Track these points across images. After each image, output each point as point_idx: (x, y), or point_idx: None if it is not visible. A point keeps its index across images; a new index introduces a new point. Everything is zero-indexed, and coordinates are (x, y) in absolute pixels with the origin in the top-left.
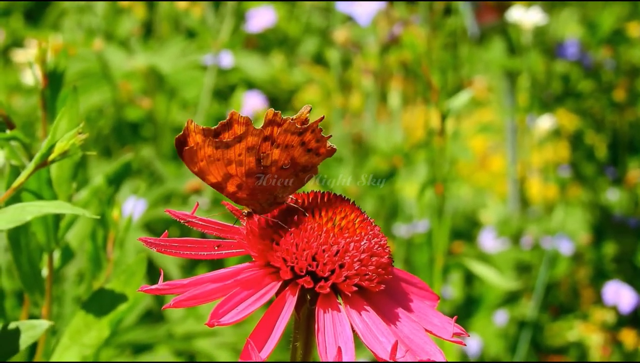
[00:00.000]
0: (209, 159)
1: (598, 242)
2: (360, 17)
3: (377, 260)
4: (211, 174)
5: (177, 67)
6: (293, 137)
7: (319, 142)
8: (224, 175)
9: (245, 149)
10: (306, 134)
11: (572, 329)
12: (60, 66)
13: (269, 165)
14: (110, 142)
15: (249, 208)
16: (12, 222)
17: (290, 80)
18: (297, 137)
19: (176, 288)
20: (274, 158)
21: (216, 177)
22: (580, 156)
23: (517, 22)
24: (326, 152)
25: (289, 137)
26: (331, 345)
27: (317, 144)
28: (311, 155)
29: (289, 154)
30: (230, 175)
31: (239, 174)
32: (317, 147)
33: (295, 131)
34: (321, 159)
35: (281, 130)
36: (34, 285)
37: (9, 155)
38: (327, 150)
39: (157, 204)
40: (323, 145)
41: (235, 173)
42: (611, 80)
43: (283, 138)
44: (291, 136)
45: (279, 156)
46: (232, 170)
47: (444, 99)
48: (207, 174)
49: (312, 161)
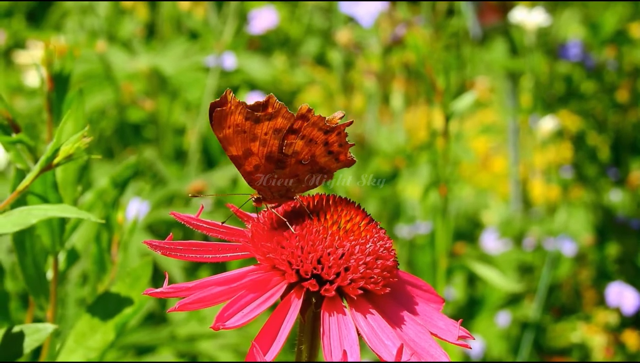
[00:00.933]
0: (237, 128)
1: (601, 243)
2: (362, 18)
3: (382, 263)
4: (234, 145)
5: (179, 68)
6: (319, 133)
7: (342, 147)
8: (246, 150)
9: (273, 129)
10: (332, 135)
11: (574, 330)
12: (66, 68)
13: (290, 155)
14: (113, 143)
15: (260, 194)
16: (17, 225)
17: (292, 81)
18: (323, 134)
19: (181, 291)
20: (296, 149)
21: (238, 149)
22: (582, 157)
23: (520, 23)
24: (345, 160)
25: (315, 132)
26: (336, 349)
27: (339, 148)
28: (331, 159)
29: (311, 150)
30: (251, 152)
31: (259, 154)
32: (338, 152)
33: (322, 127)
34: (338, 167)
35: (309, 123)
36: (38, 288)
37: (14, 158)
38: (346, 158)
39: (159, 206)
40: (344, 152)
41: (256, 151)
42: (614, 81)
43: (309, 131)
44: (317, 132)
45: (301, 148)
46: (254, 147)
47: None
48: (231, 143)
49: (329, 165)
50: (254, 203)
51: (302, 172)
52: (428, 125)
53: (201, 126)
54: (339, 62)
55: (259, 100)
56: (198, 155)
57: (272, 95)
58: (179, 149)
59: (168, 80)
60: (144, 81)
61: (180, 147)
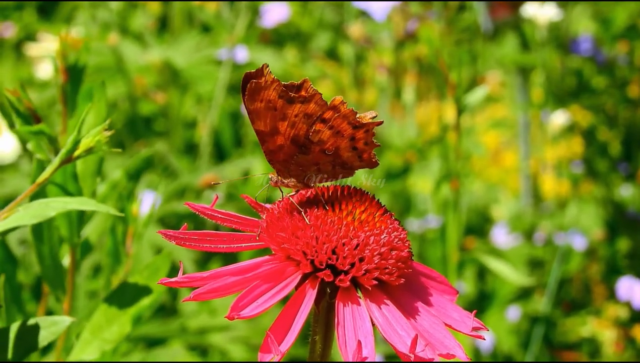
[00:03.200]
0: (269, 103)
1: (611, 238)
2: (375, 12)
3: (397, 254)
4: (262, 120)
5: (191, 61)
6: (347, 127)
7: (367, 145)
8: (273, 128)
9: (304, 113)
10: (360, 131)
11: (584, 325)
12: (81, 60)
13: (316, 142)
14: (124, 136)
15: (277, 175)
16: (36, 217)
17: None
18: (351, 129)
19: (196, 281)
20: (323, 137)
21: (266, 125)
22: (593, 152)
23: (531, 18)
24: (368, 160)
25: (344, 125)
26: (351, 339)
27: (365, 146)
28: (354, 155)
29: (337, 141)
30: (278, 131)
31: (286, 134)
32: (363, 150)
33: (352, 122)
34: (361, 166)
35: (340, 115)
36: (55, 279)
37: (35, 148)
38: (369, 158)
39: (171, 199)
40: (368, 152)
41: (283, 131)
42: (625, 76)
43: (339, 122)
44: (346, 125)
45: (328, 138)
46: (282, 127)
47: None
48: (259, 118)
49: (352, 161)
50: (270, 183)
51: (324, 162)
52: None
53: (213, 119)
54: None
55: (293, 82)
56: (209, 148)
57: (307, 78)
58: (190, 142)
59: (180, 73)
60: (156, 74)
61: (192, 140)
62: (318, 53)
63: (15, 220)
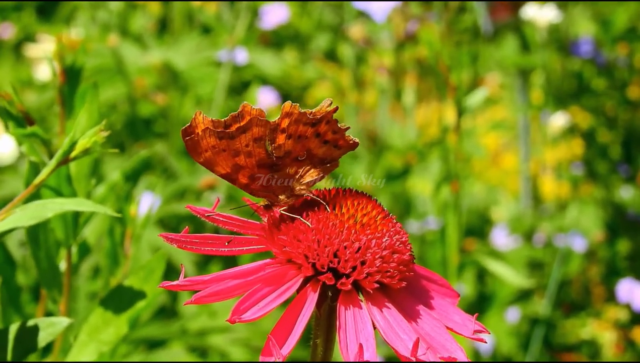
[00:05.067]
0: (214, 149)
1: (611, 240)
2: (375, 13)
3: (398, 257)
4: (219, 165)
5: (191, 63)
6: (306, 128)
7: (336, 133)
8: (233, 166)
9: (252, 139)
10: (320, 125)
11: (584, 327)
12: (78, 62)
13: (282, 156)
14: (123, 137)
15: (267, 201)
16: (33, 218)
17: (303, 77)
18: (311, 128)
19: (197, 284)
20: (287, 149)
21: (225, 168)
22: (593, 154)
23: (531, 19)
24: (347, 144)
25: (301, 128)
26: (352, 342)
27: (334, 135)
28: (329, 148)
29: (304, 145)
30: (239, 166)
31: (249, 165)
32: (335, 139)
33: (307, 121)
34: (342, 152)
35: (292, 121)
36: (52, 281)
37: (28, 151)
38: (347, 142)
39: (170, 200)
40: (341, 137)
41: (245, 164)
42: (625, 77)
43: (294, 128)
44: (303, 127)
45: (292, 147)
46: (240, 161)
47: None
48: (215, 165)
49: (331, 154)
50: (265, 211)
51: (302, 168)
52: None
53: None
54: (351, 58)
55: (233, 113)
56: None
57: (245, 103)
58: None
59: (180, 74)
60: (156, 75)
61: None
62: (317, 54)
63: (12, 221)
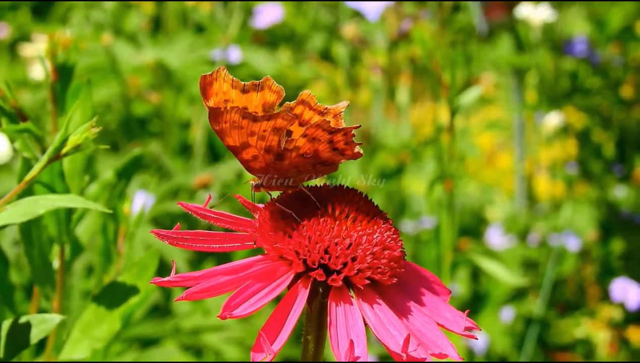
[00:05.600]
0: (233, 123)
1: (605, 239)
2: (369, 12)
3: (389, 254)
4: (231, 137)
5: (185, 62)
6: (323, 133)
7: (348, 145)
8: (243, 143)
9: (272, 128)
10: (337, 135)
11: (579, 326)
12: (70, 60)
13: (291, 149)
14: (118, 137)
15: (259, 181)
16: (25, 215)
17: (298, 76)
18: (328, 134)
19: (189, 280)
20: (298, 145)
21: (235, 141)
22: (587, 153)
23: (525, 19)
24: (352, 154)
25: (319, 132)
26: (343, 339)
27: (345, 146)
28: (335, 154)
29: (314, 146)
30: (249, 144)
31: (258, 146)
32: (344, 149)
33: (327, 129)
34: (345, 160)
35: (313, 124)
36: (45, 278)
37: (21, 147)
38: (353, 153)
39: (164, 199)
40: (351, 149)
41: (254, 144)
42: (619, 77)
43: (313, 131)
44: (322, 132)
45: (303, 145)
46: (252, 141)
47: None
48: (227, 135)
49: (333, 158)
50: (254, 189)
51: (303, 164)
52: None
53: (206, 120)
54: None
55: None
56: (203, 148)
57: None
58: (184, 142)
59: (173, 73)
60: (150, 75)
61: (186, 141)
62: (312, 54)
63: (4, 218)
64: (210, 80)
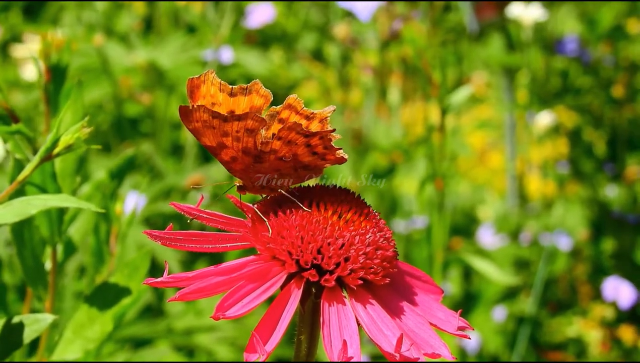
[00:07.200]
0: (205, 123)
1: (597, 238)
2: (360, 12)
3: (382, 254)
4: (206, 137)
5: (177, 62)
6: (298, 136)
7: (327, 149)
8: (219, 143)
9: (244, 129)
10: (314, 138)
11: (571, 325)
12: (63, 60)
13: (268, 151)
14: (110, 137)
15: (241, 183)
16: (17, 215)
17: (289, 76)
18: (303, 138)
19: (182, 281)
20: (274, 147)
21: (211, 141)
22: (579, 152)
23: (516, 18)
24: (335, 159)
25: (293, 135)
26: (336, 339)
27: (325, 150)
28: (316, 158)
29: (292, 149)
30: (225, 145)
31: (234, 148)
32: (324, 153)
33: (300, 131)
34: (328, 165)
35: (286, 127)
36: (37, 279)
37: (13, 148)
38: (336, 158)
39: (156, 199)
40: (331, 153)
41: (230, 146)
42: (610, 76)
43: (286, 133)
44: (296, 134)
45: (280, 148)
46: (227, 142)
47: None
48: (202, 135)
49: (315, 163)
50: (237, 191)
51: (285, 168)
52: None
53: None
54: (336, 57)
55: (243, 85)
56: (195, 149)
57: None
58: (176, 143)
59: (165, 74)
60: (142, 75)
61: (177, 141)
62: (304, 54)
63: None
64: (197, 83)
